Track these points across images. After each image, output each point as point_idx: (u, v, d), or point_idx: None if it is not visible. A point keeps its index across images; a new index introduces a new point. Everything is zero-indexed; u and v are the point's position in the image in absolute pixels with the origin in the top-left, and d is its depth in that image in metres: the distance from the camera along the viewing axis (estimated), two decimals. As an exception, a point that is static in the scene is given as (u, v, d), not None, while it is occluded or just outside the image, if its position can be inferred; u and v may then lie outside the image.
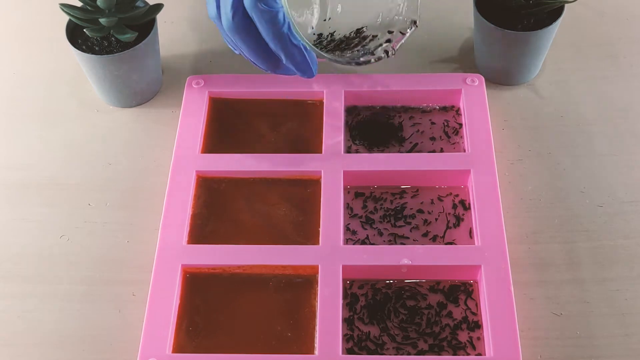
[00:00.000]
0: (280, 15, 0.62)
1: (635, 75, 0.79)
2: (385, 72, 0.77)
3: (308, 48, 0.64)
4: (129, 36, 0.72)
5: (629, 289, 0.65)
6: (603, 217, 0.69)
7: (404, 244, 0.67)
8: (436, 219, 0.69)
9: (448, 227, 0.69)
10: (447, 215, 0.69)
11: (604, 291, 0.65)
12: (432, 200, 0.70)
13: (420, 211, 0.70)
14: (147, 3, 0.74)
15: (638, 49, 0.82)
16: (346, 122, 0.75)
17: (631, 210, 0.70)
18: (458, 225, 0.69)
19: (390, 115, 0.76)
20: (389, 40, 0.68)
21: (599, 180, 0.72)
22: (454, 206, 0.70)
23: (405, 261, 0.65)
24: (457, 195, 0.70)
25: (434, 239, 0.68)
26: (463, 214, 0.69)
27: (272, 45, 0.64)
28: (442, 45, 0.82)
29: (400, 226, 0.69)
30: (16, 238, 0.70)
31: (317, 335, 0.62)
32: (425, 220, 0.69)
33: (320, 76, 0.74)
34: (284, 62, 0.66)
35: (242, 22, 0.63)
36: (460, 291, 0.65)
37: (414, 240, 0.68)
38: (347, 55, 0.68)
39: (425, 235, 0.68)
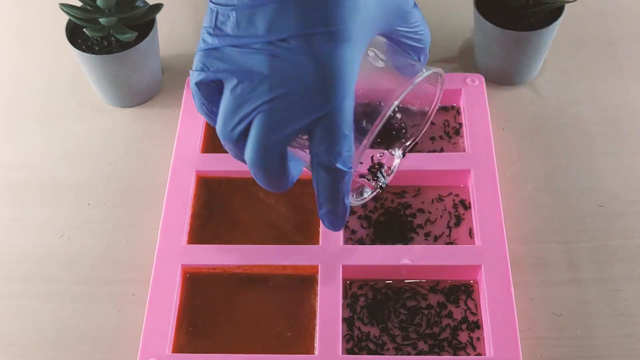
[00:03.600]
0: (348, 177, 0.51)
1: (636, 75, 0.79)
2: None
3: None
4: (129, 36, 0.72)
5: (629, 289, 0.65)
6: (603, 217, 0.69)
7: (404, 244, 0.67)
8: (437, 219, 0.69)
9: (448, 227, 0.69)
10: (448, 214, 0.69)
11: (604, 291, 0.65)
12: (432, 199, 0.70)
13: (420, 211, 0.70)
14: (147, 3, 0.74)
15: (638, 49, 0.82)
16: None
17: (631, 210, 0.70)
18: (458, 225, 0.69)
19: (390, 115, 0.76)
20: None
21: (599, 180, 0.72)
22: (455, 206, 0.70)
23: (405, 261, 0.65)
24: (457, 195, 0.70)
25: (434, 239, 0.68)
26: (463, 214, 0.69)
27: (321, 199, 0.53)
28: (442, 45, 0.82)
29: (400, 225, 0.69)
30: (16, 238, 0.70)
31: (317, 335, 0.62)
32: (427, 220, 0.69)
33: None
34: (320, 214, 0.54)
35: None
36: (461, 291, 0.65)
37: (414, 239, 0.68)
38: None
39: (425, 235, 0.68)
